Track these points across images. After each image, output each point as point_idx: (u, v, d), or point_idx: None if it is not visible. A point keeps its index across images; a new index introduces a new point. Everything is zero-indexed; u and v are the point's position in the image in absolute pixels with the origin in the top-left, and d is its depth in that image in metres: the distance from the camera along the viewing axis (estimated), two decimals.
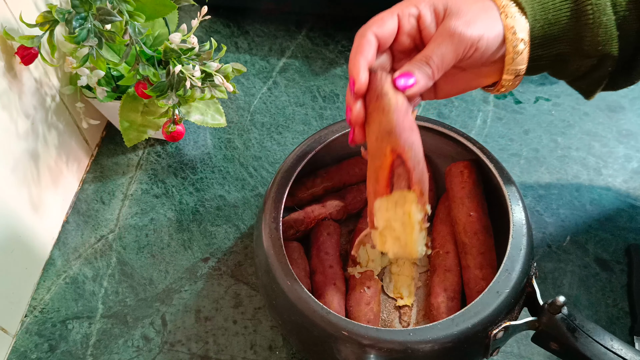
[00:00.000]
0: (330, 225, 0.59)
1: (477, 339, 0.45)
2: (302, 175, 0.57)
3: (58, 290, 0.60)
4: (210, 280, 0.61)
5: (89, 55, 0.53)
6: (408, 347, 0.44)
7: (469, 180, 0.56)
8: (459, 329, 0.44)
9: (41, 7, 0.58)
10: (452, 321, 0.45)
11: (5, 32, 0.52)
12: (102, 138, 0.73)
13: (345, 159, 0.63)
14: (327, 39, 0.83)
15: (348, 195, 0.62)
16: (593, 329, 0.44)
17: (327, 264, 0.56)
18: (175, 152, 0.71)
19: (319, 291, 0.54)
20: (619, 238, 0.62)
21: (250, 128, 0.74)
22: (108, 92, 0.62)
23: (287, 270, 0.48)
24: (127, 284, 0.61)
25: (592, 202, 0.66)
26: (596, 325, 0.44)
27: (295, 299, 0.47)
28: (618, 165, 0.69)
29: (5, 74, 0.53)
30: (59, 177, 0.64)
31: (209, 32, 0.84)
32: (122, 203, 0.67)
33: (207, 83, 0.60)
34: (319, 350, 0.48)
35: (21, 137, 0.56)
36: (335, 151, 0.59)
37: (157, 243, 0.64)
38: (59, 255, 0.63)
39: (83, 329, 0.58)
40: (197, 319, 0.58)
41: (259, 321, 0.58)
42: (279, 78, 0.79)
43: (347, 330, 0.45)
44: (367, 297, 0.54)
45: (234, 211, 0.66)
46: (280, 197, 0.53)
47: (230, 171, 0.69)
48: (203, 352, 0.56)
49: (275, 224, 0.51)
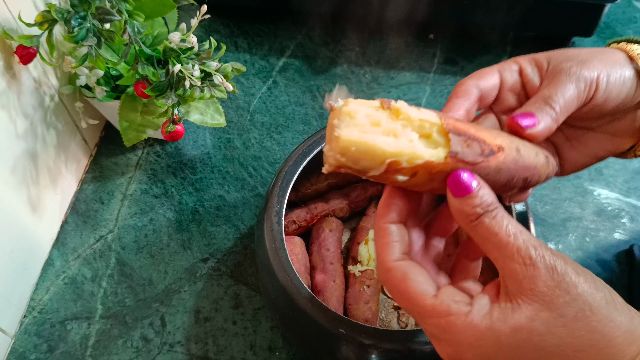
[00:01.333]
0: (332, 222, 0.59)
1: None
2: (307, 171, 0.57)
3: (57, 290, 0.60)
4: (210, 281, 0.60)
5: (88, 54, 0.53)
6: (405, 348, 0.44)
7: None
8: None
9: (40, 6, 0.58)
10: None
11: (4, 31, 0.52)
12: (101, 138, 0.73)
13: None
14: (327, 38, 0.82)
15: (352, 192, 0.62)
16: None
17: (327, 260, 0.56)
18: (175, 152, 0.71)
19: (318, 287, 0.54)
20: (620, 238, 0.62)
21: (250, 128, 0.73)
22: (107, 92, 0.62)
23: (288, 264, 0.48)
24: (126, 285, 0.60)
25: (593, 201, 0.65)
26: None
27: (293, 294, 0.46)
28: (619, 165, 0.68)
29: (4, 74, 0.53)
30: (58, 177, 0.64)
31: (209, 32, 0.84)
32: (122, 203, 0.67)
33: (207, 82, 0.59)
34: (316, 347, 0.48)
35: (20, 137, 0.56)
36: None
37: (156, 243, 0.63)
38: (57, 255, 0.63)
39: (82, 329, 0.57)
40: (196, 319, 0.58)
41: (259, 322, 0.58)
42: (279, 77, 0.78)
43: (344, 328, 0.44)
44: (366, 296, 0.54)
45: (233, 211, 0.66)
46: (284, 191, 0.53)
47: (230, 171, 0.69)
48: (202, 353, 0.56)
49: (278, 218, 0.51)
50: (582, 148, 0.40)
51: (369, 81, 0.78)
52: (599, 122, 0.39)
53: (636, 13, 0.86)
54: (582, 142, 0.40)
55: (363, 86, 0.77)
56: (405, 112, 0.30)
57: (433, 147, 0.30)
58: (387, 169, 0.30)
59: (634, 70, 0.36)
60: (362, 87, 0.77)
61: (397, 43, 0.82)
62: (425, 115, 0.31)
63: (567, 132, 0.40)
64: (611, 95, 0.36)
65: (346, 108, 0.30)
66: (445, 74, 0.79)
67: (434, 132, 0.30)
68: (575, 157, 0.40)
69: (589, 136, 0.40)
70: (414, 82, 0.78)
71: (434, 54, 0.81)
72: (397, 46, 0.82)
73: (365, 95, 0.76)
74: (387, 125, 0.30)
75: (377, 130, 0.30)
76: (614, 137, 0.39)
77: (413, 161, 0.29)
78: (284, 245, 0.49)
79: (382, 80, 0.78)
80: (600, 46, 0.39)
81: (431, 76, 0.79)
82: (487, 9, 0.76)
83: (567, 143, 0.40)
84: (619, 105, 0.36)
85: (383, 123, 0.30)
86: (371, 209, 0.61)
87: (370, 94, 0.76)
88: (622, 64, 0.36)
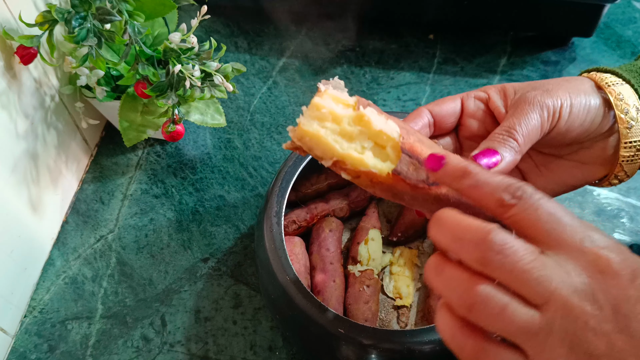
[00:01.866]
0: (332, 222, 0.59)
1: None
2: (307, 171, 0.57)
3: (57, 290, 0.60)
4: (210, 281, 0.61)
5: (88, 54, 0.53)
6: (404, 348, 0.44)
7: None
8: None
9: (40, 6, 0.58)
10: None
11: (5, 31, 0.52)
12: (101, 138, 0.73)
13: None
14: (327, 38, 0.83)
15: (352, 192, 0.62)
16: None
17: (327, 260, 0.56)
18: (175, 152, 0.71)
19: (318, 287, 0.54)
20: (620, 238, 0.62)
21: (250, 128, 0.73)
22: (107, 92, 0.62)
23: (287, 264, 0.48)
24: (126, 285, 0.61)
25: (593, 201, 0.66)
26: None
27: (293, 294, 0.47)
28: None
29: (4, 74, 0.53)
30: (59, 177, 0.64)
31: (209, 32, 0.84)
32: (122, 203, 0.67)
33: (207, 83, 0.60)
34: (316, 347, 0.48)
35: (20, 137, 0.56)
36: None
37: (156, 243, 0.64)
38: (58, 255, 0.63)
39: (82, 329, 0.58)
40: (196, 319, 0.58)
41: (259, 322, 0.58)
42: (279, 78, 0.79)
43: (343, 328, 0.45)
44: (366, 296, 0.54)
45: (233, 211, 0.66)
46: (284, 191, 0.53)
47: (230, 171, 0.69)
48: (203, 353, 0.56)
49: (277, 218, 0.51)
50: (550, 175, 0.40)
51: (369, 81, 0.78)
52: (567, 150, 0.39)
53: (636, 13, 0.86)
54: (551, 169, 0.40)
55: (363, 86, 0.77)
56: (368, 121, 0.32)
57: (382, 159, 0.32)
58: (333, 164, 0.32)
59: (601, 98, 0.36)
60: (362, 87, 0.77)
61: (397, 43, 0.83)
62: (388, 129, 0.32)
63: (535, 158, 0.41)
64: (575, 123, 0.36)
65: (316, 99, 0.32)
66: (445, 74, 0.79)
67: (388, 147, 0.32)
68: (544, 184, 0.40)
69: (558, 164, 0.40)
70: (414, 82, 0.78)
71: (434, 54, 0.81)
72: (397, 46, 0.82)
73: (365, 95, 0.76)
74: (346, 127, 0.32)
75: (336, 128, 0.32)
76: (585, 166, 0.39)
77: (357, 167, 0.31)
78: (283, 245, 0.49)
79: (382, 80, 0.78)
80: (600, 46, 0.39)
81: (431, 76, 0.79)
82: (487, 9, 0.76)
83: (536, 170, 0.40)
84: (583, 133, 0.36)
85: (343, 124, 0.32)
86: (371, 209, 0.62)
87: (370, 94, 0.76)
88: (587, 93, 0.36)
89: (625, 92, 0.36)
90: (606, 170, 0.39)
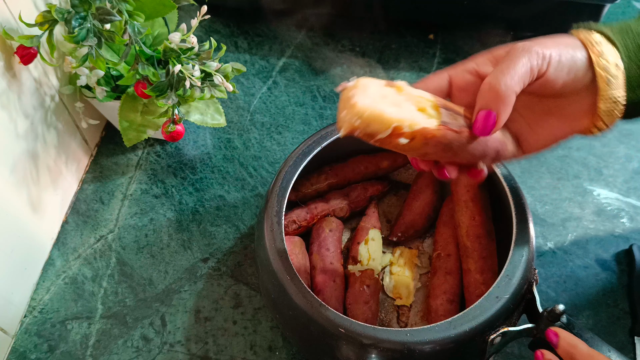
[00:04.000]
0: (332, 221, 0.59)
1: (474, 343, 0.45)
2: (307, 171, 0.57)
3: (57, 290, 0.60)
4: (210, 281, 0.61)
5: (88, 54, 0.53)
6: (404, 347, 0.44)
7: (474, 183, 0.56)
8: (457, 332, 0.44)
9: (40, 6, 0.58)
10: (449, 324, 0.45)
11: (5, 31, 0.52)
12: (101, 138, 0.73)
13: (351, 157, 0.63)
14: (327, 38, 0.83)
15: (352, 193, 0.62)
16: (591, 339, 0.44)
17: (327, 260, 0.56)
18: (175, 152, 0.71)
19: (318, 287, 0.54)
20: (620, 238, 0.62)
21: (250, 128, 0.73)
22: (107, 92, 0.62)
23: (287, 264, 0.48)
24: (126, 284, 0.61)
25: (593, 201, 0.66)
26: (594, 335, 0.44)
27: (293, 294, 0.47)
28: (619, 165, 0.68)
29: (4, 74, 0.53)
30: (58, 177, 0.64)
31: (209, 32, 0.84)
32: (122, 203, 0.67)
33: (207, 83, 0.60)
34: (316, 346, 0.48)
35: (20, 137, 0.56)
36: (342, 148, 0.59)
37: (156, 243, 0.64)
38: (58, 255, 0.63)
39: (82, 329, 0.58)
40: (196, 319, 0.58)
41: (259, 322, 0.58)
42: (279, 78, 0.79)
43: (344, 328, 0.45)
44: (366, 296, 0.54)
45: (233, 211, 0.66)
46: (284, 191, 0.53)
47: (230, 171, 0.69)
48: (203, 353, 0.56)
49: (278, 218, 0.51)
50: (542, 132, 0.44)
51: None
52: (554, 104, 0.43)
53: (636, 13, 0.86)
54: (541, 126, 0.44)
55: None
56: (406, 90, 0.38)
57: (427, 118, 0.37)
58: (392, 132, 0.36)
59: (587, 54, 0.40)
60: None
61: (397, 43, 0.83)
62: (422, 94, 0.39)
63: (528, 118, 0.45)
64: (562, 71, 0.39)
65: (362, 81, 0.37)
66: None
67: (428, 107, 0.38)
68: (534, 140, 0.45)
69: (548, 121, 0.44)
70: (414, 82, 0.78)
71: (434, 54, 0.81)
72: (397, 46, 0.82)
73: None
74: (393, 98, 0.37)
75: (385, 101, 0.37)
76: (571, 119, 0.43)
77: (413, 127, 0.36)
78: (284, 245, 0.49)
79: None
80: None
81: None
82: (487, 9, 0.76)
83: (528, 128, 0.44)
84: (570, 83, 0.40)
85: (390, 96, 0.37)
86: (371, 209, 0.62)
87: None
88: (574, 47, 0.40)
89: (607, 50, 0.40)
90: (589, 120, 0.43)
